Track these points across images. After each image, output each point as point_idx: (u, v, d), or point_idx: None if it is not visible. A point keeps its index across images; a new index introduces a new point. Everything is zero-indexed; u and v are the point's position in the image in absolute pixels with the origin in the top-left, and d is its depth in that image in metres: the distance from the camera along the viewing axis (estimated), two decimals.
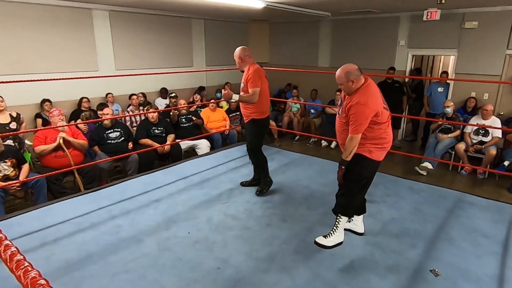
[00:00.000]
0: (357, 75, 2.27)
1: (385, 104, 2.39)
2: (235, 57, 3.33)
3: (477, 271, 2.29)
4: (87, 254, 2.45)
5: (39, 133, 3.98)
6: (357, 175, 2.42)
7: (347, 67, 2.31)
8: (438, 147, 5.41)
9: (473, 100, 5.93)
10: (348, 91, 2.33)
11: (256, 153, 3.43)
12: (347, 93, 2.35)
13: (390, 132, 2.44)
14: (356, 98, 2.26)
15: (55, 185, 3.85)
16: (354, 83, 2.28)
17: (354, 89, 2.29)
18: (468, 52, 6.10)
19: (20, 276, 0.86)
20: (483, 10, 5.79)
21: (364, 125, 2.26)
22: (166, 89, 7.04)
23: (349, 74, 2.27)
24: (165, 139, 4.99)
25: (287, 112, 7.42)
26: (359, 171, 2.41)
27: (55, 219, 2.89)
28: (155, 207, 3.16)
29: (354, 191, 2.48)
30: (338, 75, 2.32)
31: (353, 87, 2.28)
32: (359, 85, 2.29)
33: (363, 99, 2.23)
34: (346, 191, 2.48)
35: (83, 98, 5.69)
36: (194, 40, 7.62)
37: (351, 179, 2.43)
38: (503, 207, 3.20)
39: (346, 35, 7.59)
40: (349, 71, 2.28)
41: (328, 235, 2.51)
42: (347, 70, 2.29)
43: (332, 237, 2.50)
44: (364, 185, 2.50)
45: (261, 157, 3.44)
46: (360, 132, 2.27)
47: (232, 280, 2.21)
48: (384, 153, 2.45)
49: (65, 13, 5.52)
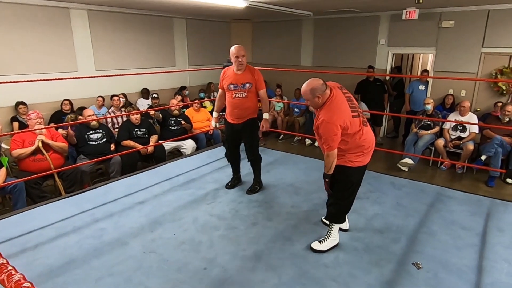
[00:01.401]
0: (322, 91, 2.27)
1: (357, 108, 2.37)
2: (243, 56, 3.16)
3: (457, 263, 2.37)
4: (70, 258, 2.39)
5: (16, 136, 3.86)
6: (343, 184, 2.44)
7: (312, 82, 2.29)
8: (418, 143, 5.54)
9: (450, 97, 6.12)
10: (315, 106, 2.35)
11: (257, 150, 3.48)
12: (314, 107, 2.38)
13: (369, 137, 2.40)
14: (322, 115, 2.28)
15: (34, 189, 3.74)
16: (320, 98, 2.29)
17: (321, 104, 2.30)
18: (445, 51, 6.28)
19: (4, 280, 0.84)
20: (459, 10, 5.96)
21: (335, 141, 2.26)
22: (148, 89, 6.94)
23: (314, 90, 2.27)
24: (148, 140, 4.92)
25: (271, 111, 7.45)
26: (344, 180, 2.42)
27: (35, 224, 2.81)
28: (139, 209, 3.12)
29: (344, 198, 2.51)
30: (303, 91, 2.33)
31: (319, 102, 2.30)
32: (325, 99, 2.29)
33: (327, 117, 2.24)
34: (335, 200, 2.50)
35: (64, 100, 5.56)
36: (176, 40, 7.55)
37: (339, 188, 2.46)
38: (481, 200, 3.31)
39: (328, 34, 7.68)
40: (314, 88, 2.27)
41: (323, 240, 2.54)
42: (312, 86, 2.28)
43: (326, 242, 2.52)
44: (353, 191, 2.51)
45: (259, 154, 3.52)
46: (334, 148, 2.28)
47: (219, 280, 2.21)
48: (367, 157, 2.45)
49: (41, 12, 5.37)
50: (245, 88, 3.22)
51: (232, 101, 3.27)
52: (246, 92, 3.23)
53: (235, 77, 3.23)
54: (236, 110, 3.30)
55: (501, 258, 2.41)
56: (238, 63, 3.17)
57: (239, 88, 3.22)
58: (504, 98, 5.84)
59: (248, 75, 3.23)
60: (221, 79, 3.37)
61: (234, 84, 3.23)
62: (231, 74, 3.27)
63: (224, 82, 3.32)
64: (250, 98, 3.27)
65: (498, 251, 2.50)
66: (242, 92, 3.23)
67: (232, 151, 3.55)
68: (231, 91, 3.25)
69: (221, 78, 3.37)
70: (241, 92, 3.23)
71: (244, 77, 3.22)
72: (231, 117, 3.36)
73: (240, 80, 3.22)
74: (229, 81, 3.25)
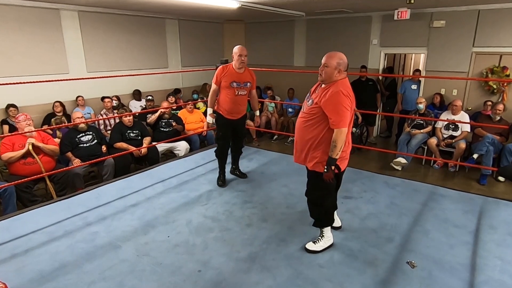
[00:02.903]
0: (345, 68, 2.21)
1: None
2: (245, 55, 3.39)
3: (450, 261, 2.38)
4: (62, 263, 2.35)
5: (6, 140, 3.80)
6: (323, 188, 2.38)
7: (342, 56, 2.22)
8: (411, 142, 5.58)
9: (437, 96, 6.18)
10: (327, 77, 2.22)
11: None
12: (325, 78, 2.23)
13: (349, 140, 2.38)
14: (335, 88, 2.16)
15: (25, 193, 3.68)
16: (339, 73, 2.19)
17: (334, 80, 2.21)
18: (437, 50, 6.34)
19: None
20: (450, 10, 6.02)
21: (347, 116, 2.14)
22: (139, 91, 6.89)
23: (341, 62, 2.20)
24: (141, 142, 4.88)
25: (264, 111, 7.44)
26: (324, 186, 2.34)
27: (26, 229, 2.76)
28: (132, 212, 3.08)
29: (326, 199, 2.42)
30: (330, 56, 2.22)
31: (335, 76, 2.20)
32: (340, 78, 2.22)
33: (342, 89, 2.15)
34: (318, 207, 2.44)
35: (55, 102, 5.49)
36: (169, 41, 7.51)
37: (320, 195, 2.40)
38: (473, 198, 3.34)
39: (321, 34, 7.70)
40: (342, 60, 2.21)
41: (317, 240, 2.50)
42: (341, 58, 2.20)
43: (321, 242, 2.49)
44: (332, 189, 2.46)
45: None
46: (346, 124, 2.15)
47: (213, 282, 2.19)
48: (346, 162, 2.43)
49: (31, 14, 5.30)
50: (246, 86, 3.50)
51: (235, 98, 3.45)
52: (246, 90, 3.52)
53: (237, 75, 3.42)
54: (238, 107, 3.52)
55: (493, 256, 2.43)
56: (240, 62, 3.37)
57: (242, 86, 3.45)
58: (495, 97, 5.90)
59: (248, 74, 3.51)
60: (218, 77, 3.43)
61: (237, 82, 3.42)
62: (232, 72, 3.41)
63: (224, 80, 3.40)
64: (247, 96, 3.61)
65: (490, 248, 2.52)
66: (244, 90, 3.50)
67: (226, 147, 3.68)
68: (233, 88, 3.42)
69: (218, 75, 3.43)
70: (243, 90, 3.48)
71: (246, 76, 3.48)
72: (230, 113, 3.51)
73: (242, 79, 3.45)
74: (232, 79, 3.40)
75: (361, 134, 6.67)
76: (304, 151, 2.39)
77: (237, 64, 3.38)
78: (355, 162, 5.60)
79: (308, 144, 2.34)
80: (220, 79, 3.42)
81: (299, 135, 2.40)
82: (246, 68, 3.50)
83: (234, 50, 3.37)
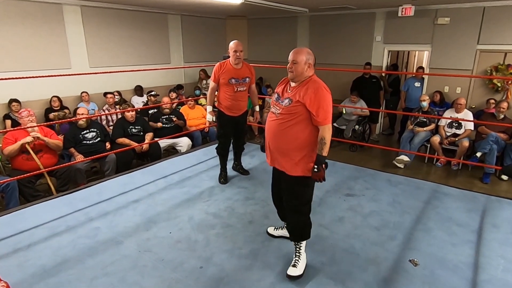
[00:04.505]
0: (313, 62, 2.11)
1: None
2: (241, 51, 3.33)
3: (453, 259, 2.37)
4: (64, 258, 2.36)
5: (9, 135, 3.79)
6: (306, 196, 2.24)
7: (309, 51, 2.11)
8: (414, 140, 5.55)
9: (437, 93, 6.14)
10: (298, 73, 2.09)
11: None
12: (296, 75, 2.10)
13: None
14: (314, 84, 2.05)
15: (27, 188, 3.69)
16: (309, 68, 2.09)
17: (303, 77, 2.09)
18: (441, 48, 6.28)
19: None
20: (454, 7, 5.96)
21: (331, 113, 2.06)
22: (141, 86, 6.87)
23: (309, 57, 2.09)
24: (143, 138, 4.87)
25: (266, 108, 7.41)
26: (308, 192, 2.24)
27: (28, 224, 2.77)
28: (134, 207, 3.08)
29: (306, 210, 2.27)
30: (297, 52, 2.10)
31: (306, 72, 2.08)
32: (308, 75, 2.10)
33: (322, 85, 2.05)
34: (299, 215, 2.23)
35: (53, 97, 5.49)
36: (171, 36, 7.48)
37: (302, 203, 2.22)
38: (476, 197, 3.32)
39: (324, 31, 7.65)
40: (310, 55, 2.10)
41: (296, 263, 2.23)
42: (308, 52, 2.10)
43: (300, 263, 2.24)
44: (310, 199, 2.30)
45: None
46: (331, 120, 2.06)
47: (215, 278, 2.19)
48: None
49: (33, 8, 5.29)
50: (245, 82, 3.45)
51: (235, 94, 3.42)
52: (245, 86, 3.47)
53: (235, 72, 3.37)
54: (238, 103, 3.48)
55: (496, 255, 2.42)
56: (236, 57, 3.31)
57: (241, 82, 3.41)
58: (499, 95, 5.86)
59: (246, 70, 3.45)
60: (216, 74, 3.40)
61: (236, 78, 3.38)
62: (230, 69, 3.36)
63: (223, 76, 3.36)
64: (247, 92, 3.56)
65: (493, 247, 2.51)
66: (243, 86, 3.43)
67: (228, 144, 3.65)
68: (232, 85, 3.38)
69: (216, 73, 3.40)
70: (242, 86, 3.43)
71: (244, 71, 3.43)
72: (231, 110, 3.47)
73: (241, 75, 3.40)
74: (230, 75, 3.36)
75: (364, 132, 6.65)
76: (286, 156, 2.16)
77: (233, 60, 3.33)
78: (357, 160, 5.60)
79: (290, 147, 2.13)
80: (218, 77, 3.37)
81: (276, 139, 2.18)
82: (244, 63, 3.45)
83: (230, 46, 3.31)
